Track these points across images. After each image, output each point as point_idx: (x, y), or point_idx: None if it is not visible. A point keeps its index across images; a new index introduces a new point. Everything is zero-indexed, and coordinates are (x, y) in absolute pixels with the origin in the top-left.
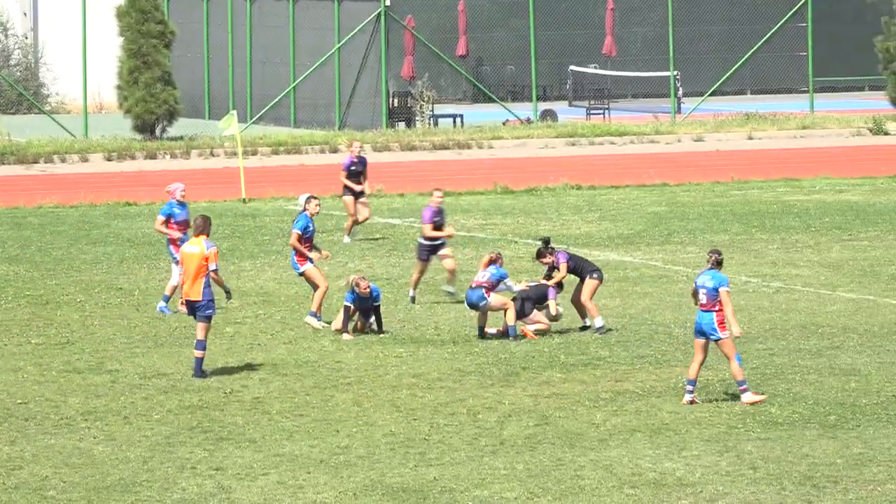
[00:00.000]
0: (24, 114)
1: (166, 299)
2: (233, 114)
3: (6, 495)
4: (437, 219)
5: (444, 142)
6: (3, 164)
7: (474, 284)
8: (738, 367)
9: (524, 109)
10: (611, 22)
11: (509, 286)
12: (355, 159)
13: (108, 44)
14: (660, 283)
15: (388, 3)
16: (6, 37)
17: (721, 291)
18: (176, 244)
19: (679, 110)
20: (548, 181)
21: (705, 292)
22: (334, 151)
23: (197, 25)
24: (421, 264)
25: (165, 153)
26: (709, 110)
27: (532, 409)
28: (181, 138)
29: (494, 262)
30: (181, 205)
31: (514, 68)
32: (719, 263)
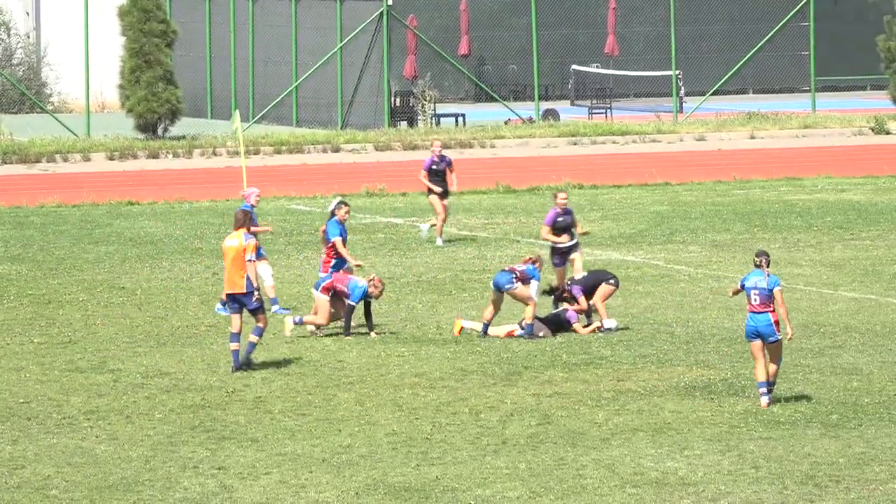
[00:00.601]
0: (27, 113)
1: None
2: (236, 113)
3: (9, 494)
4: (560, 219)
5: (446, 141)
6: (6, 163)
7: (507, 268)
8: (776, 371)
9: (526, 109)
10: (613, 21)
11: (534, 291)
12: (437, 159)
13: (111, 43)
14: (662, 282)
15: (390, 2)
16: (9, 36)
17: (776, 292)
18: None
19: (681, 109)
20: (550, 180)
21: (758, 293)
22: (336, 151)
23: (199, 24)
24: (559, 271)
25: (167, 152)
26: (711, 109)
27: (534, 408)
28: (183, 137)
29: (534, 263)
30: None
31: (516, 67)
32: (767, 264)
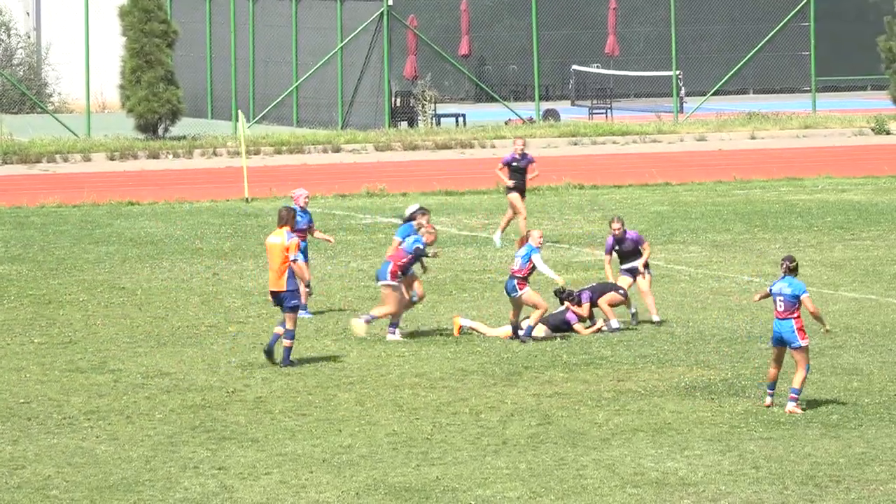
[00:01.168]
0: (27, 113)
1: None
2: (242, 117)
3: (9, 495)
4: (618, 247)
5: (446, 141)
6: (6, 163)
7: (511, 273)
8: (804, 378)
9: (527, 109)
10: (613, 21)
11: (539, 263)
12: (518, 156)
13: (111, 43)
14: (662, 282)
15: (390, 2)
16: (9, 36)
17: (803, 299)
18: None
19: (681, 110)
20: (550, 181)
21: (783, 299)
22: (337, 151)
23: (199, 25)
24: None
25: (168, 153)
26: (711, 110)
27: (534, 408)
28: (184, 138)
29: (527, 241)
30: (304, 211)
31: (516, 68)
32: (794, 270)
